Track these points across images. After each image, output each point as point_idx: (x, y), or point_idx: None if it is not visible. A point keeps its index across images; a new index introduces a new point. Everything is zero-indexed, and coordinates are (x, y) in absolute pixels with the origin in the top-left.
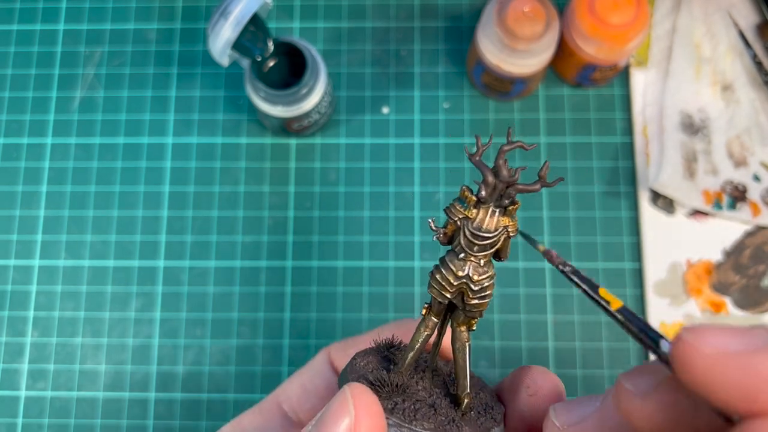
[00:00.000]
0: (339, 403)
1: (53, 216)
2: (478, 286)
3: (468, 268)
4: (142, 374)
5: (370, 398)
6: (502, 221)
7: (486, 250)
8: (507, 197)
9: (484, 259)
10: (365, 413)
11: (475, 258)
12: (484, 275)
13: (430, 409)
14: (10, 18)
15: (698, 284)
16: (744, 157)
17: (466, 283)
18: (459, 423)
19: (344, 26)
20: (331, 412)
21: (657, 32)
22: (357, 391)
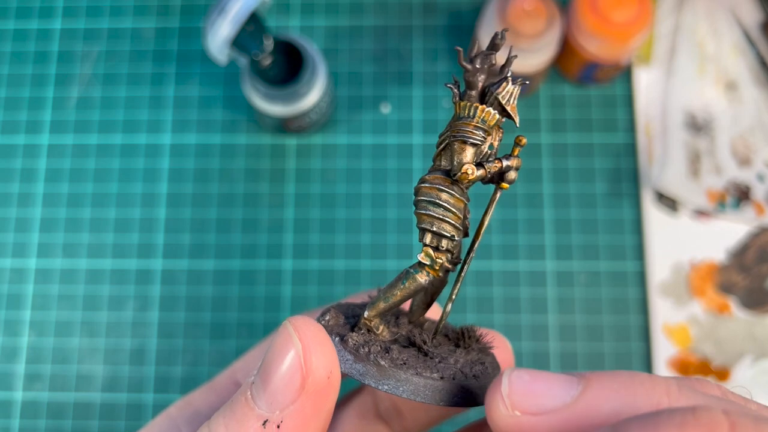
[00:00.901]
0: (281, 338)
1: (50, 216)
2: (416, 186)
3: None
4: (139, 376)
5: (314, 326)
6: (453, 123)
7: (437, 148)
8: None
9: (437, 159)
10: (312, 341)
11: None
12: (422, 178)
13: (389, 345)
14: (6, 16)
15: (702, 285)
16: (748, 156)
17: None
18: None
19: (344, 24)
20: (274, 348)
21: (660, 30)
22: (299, 322)
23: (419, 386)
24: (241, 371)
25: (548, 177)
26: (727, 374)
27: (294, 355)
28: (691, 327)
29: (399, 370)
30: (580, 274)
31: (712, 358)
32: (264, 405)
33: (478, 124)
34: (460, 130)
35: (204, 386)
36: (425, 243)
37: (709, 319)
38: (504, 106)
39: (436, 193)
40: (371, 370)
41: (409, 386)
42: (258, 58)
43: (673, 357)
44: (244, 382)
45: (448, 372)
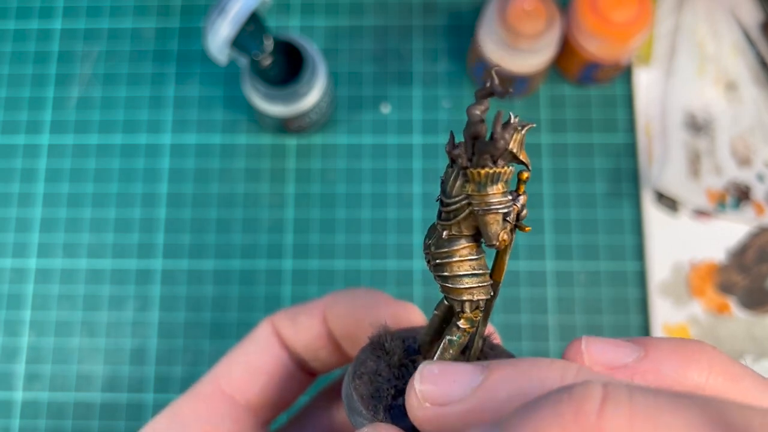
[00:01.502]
0: None
1: (50, 216)
2: (434, 260)
3: (434, 236)
4: (139, 376)
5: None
6: (466, 188)
7: (449, 219)
8: (468, 157)
9: (448, 231)
10: None
11: (440, 227)
12: (441, 249)
13: None
14: (6, 16)
15: (702, 285)
16: (748, 156)
17: (427, 253)
18: None
19: (344, 24)
20: None
21: (660, 30)
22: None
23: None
24: (224, 378)
25: (548, 177)
26: None
27: None
28: (691, 327)
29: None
30: (580, 274)
31: None
32: None
33: (503, 189)
34: (490, 203)
35: (187, 395)
36: (465, 311)
37: (709, 319)
38: (517, 156)
39: (469, 265)
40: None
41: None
42: (258, 58)
43: None
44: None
45: None
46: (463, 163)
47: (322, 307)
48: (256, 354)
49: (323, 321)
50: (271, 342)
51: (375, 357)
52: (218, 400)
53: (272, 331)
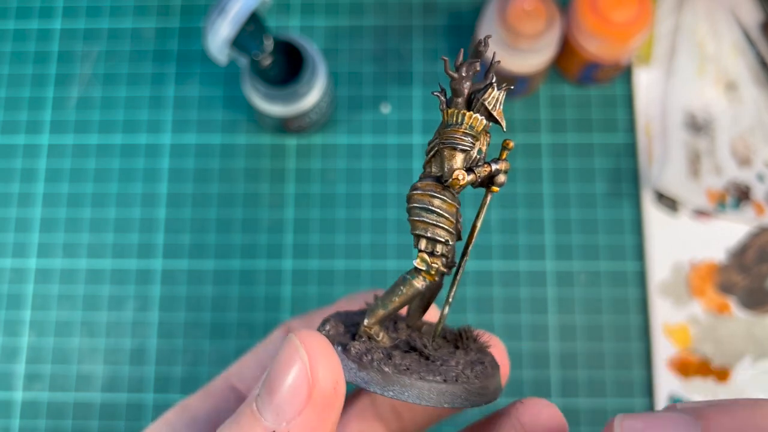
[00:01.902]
0: (287, 350)
1: (50, 216)
2: (407, 197)
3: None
4: (139, 376)
5: (320, 338)
6: (441, 129)
7: (425, 160)
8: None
9: (428, 166)
10: (318, 354)
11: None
12: (414, 185)
13: (391, 350)
14: (6, 16)
15: (702, 285)
16: (748, 156)
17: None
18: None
19: (344, 24)
20: (280, 360)
21: (660, 30)
22: (304, 334)
23: (423, 390)
24: (236, 376)
25: (548, 177)
26: (726, 374)
27: (300, 366)
28: (691, 327)
29: (403, 375)
30: (580, 274)
31: (712, 358)
32: (270, 417)
33: (467, 130)
34: (449, 137)
35: (200, 391)
36: (420, 249)
37: (709, 319)
38: (491, 112)
39: (428, 200)
40: (375, 377)
41: (414, 391)
42: (258, 58)
43: (673, 357)
44: (250, 394)
45: (450, 374)
46: (441, 107)
47: (336, 309)
48: (269, 354)
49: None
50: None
51: (358, 313)
52: (228, 396)
53: (286, 334)
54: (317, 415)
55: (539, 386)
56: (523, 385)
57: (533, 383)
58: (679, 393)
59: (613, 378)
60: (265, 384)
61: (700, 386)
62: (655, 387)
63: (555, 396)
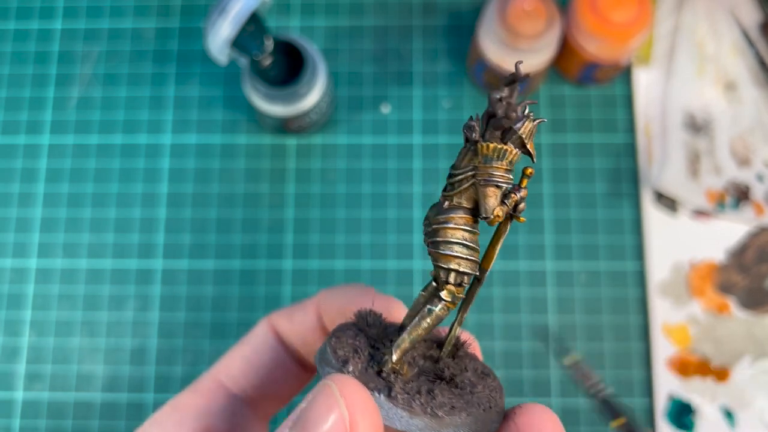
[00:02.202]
0: (325, 400)
1: (50, 216)
2: (430, 227)
3: (435, 207)
4: (140, 376)
5: (362, 391)
6: (474, 161)
7: (452, 190)
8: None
9: (449, 201)
10: (360, 411)
11: (442, 198)
12: (439, 216)
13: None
14: (7, 16)
15: (702, 285)
16: (747, 156)
17: (426, 224)
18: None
19: (344, 24)
20: (317, 407)
21: (660, 30)
22: (345, 386)
23: (472, 425)
24: (224, 372)
25: (548, 177)
26: (726, 374)
27: (338, 419)
28: (691, 327)
29: (454, 415)
30: (580, 274)
31: (712, 357)
32: None
33: (507, 166)
34: (492, 175)
35: (188, 389)
36: (449, 282)
37: (709, 319)
38: (525, 144)
39: (461, 234)
40: (430, 423)
41: (465, 429)
42: (258, 59)
43: (673, 357)
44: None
45: (484, 401)
46: (475, 137)
47: (316, 302)
48: (254, 349)
49: (317, 315)
50: (269, 337)
51: (355, 329)
52: (217, 394)
53: (269, 328)
54: None
55: (539, 386)
56: (523, 385)
57: (533, 383)
58: (678, 393)
59: (613, 378)
60: (299, 425)
61: (700, 386)
62: (655, 387)
63: (555, 396)
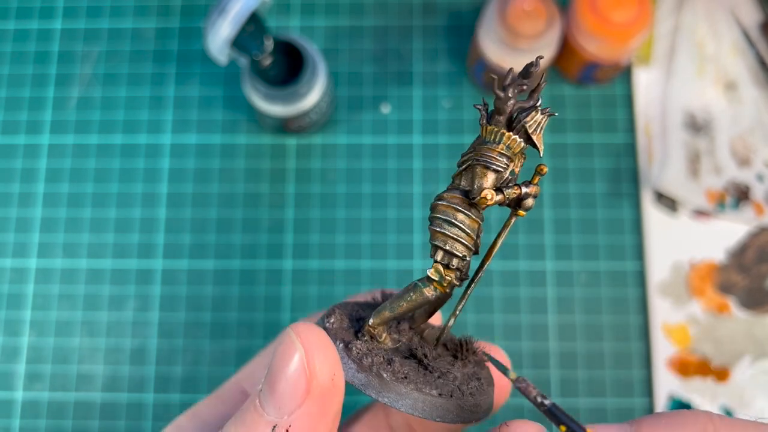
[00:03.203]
0: (285, 344)
1: (50, 216)
2: (431, 206)
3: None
4: (140, 376)
5: (317, 331)
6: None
7: (456, 172)
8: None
9: (452, 183)
10: (314, 346)
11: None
12: (440, 195)
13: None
14: (7, 16)
15: (701, 285)
16: (747, 156)
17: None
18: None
19: (344, 24)
20: (278, 355)
21: (660, 30)
22: (301, 327)
23: (418, 401)
24: (246, 380)
25: (548, 177)
26: (726, 374)
27: (298, 359)
28: (691, 327)
29: (399, 383)
30: (580, 274)
31: (712, 357)
32: (272, 411)
33: (503, 150)
34: (484, 155)
35: (211, 396)
36: (436, 259)
37: (709, 319)
38: (530, 135)
39: (452, 213)
40: (373, 381)
41: (408, 401)
42: (258, 59)
43: (673, 356)
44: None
45: (446, 389)
46: (482, 121)
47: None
48: None
49: None
50: None
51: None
52: (239, 401)
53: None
54: (317, 408)
55: (539, 386)
56: None
57: (533, 383)
58: (678, 393)
59: (613, 378)
60: (266, 379)
61: (700, 386)
62: (655, 387)
63: (555, 396)
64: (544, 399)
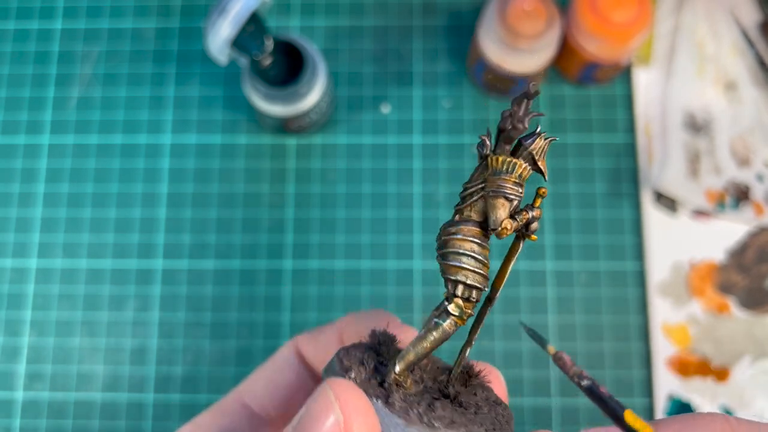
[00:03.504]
0: (321, 402)
1: (50, 216)
2: (440, 240)
3: (448, 222)
4: (140, 376)
5: (356, 393)
6: (484, 175)
7: (463, 203)
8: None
9: (459, 215)
10: (354, 411)
11: (454, 212)
12: (449, 228)
13: (425, 398)
14: (7, 16)
15: (701, 285)
16: (747, 156)
17: (437, 239)
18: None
19: (344, 24)
20: (312, 412)
21: (660, 30)
22: (341, 388)
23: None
24: (247, 393)
25: (548, 177)
26: (726, 374)
27: (333, 423)
28: (691, 327)
29: (450, 429)
30: (580, 274)
31: (712, 357)
32: None
33: (517, 179)
34: (501, 186)
35: (212, 408)
36: (457, 294)
37: (709, 319)
38: (536, 161)
39: (470, 246)
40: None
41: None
42: (258, 59)
43: (673, 357)
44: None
45: (487, 422)
46: (486, 152)
47: (339, 326)
48: (278, 371)
49: (339, 339)
50: (293, 360)
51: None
52: (239, 414)
53: (294, 350)
54: None
55: (539, 386)
56: (523, 385)
57: (533, 383)
58: (678, 393)
59: (613, 378)
60: (297, 430)
61: (700, 386)
62: (655, 387)
63: (554, 395)
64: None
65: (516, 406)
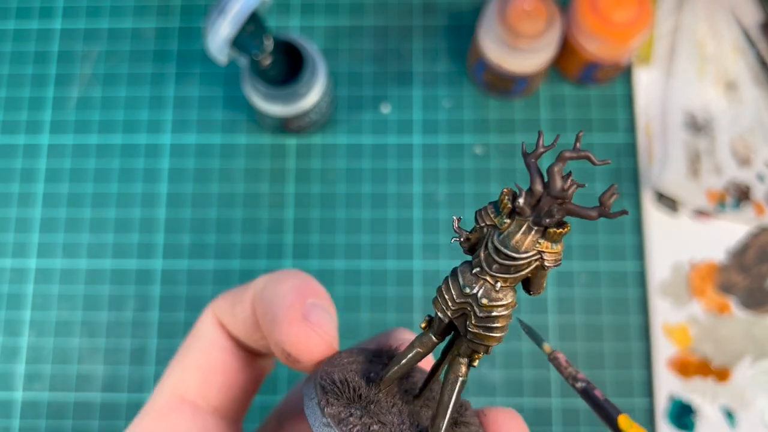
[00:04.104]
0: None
1: (50, 216)
2: (484, 312)
3: (479, 287)
4: (139, 376)
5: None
6: (540, 244)
7: (507, 272)
8: (550, 215)
9: (502, 282)
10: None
11: (491, 278)
12: (495, 302)
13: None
14: (7, 16)
15: (702, 285)
16: (748, 156)
17: (471, 304)
18: None
19: (344, 24)
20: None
21: (660, 30)
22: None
23: None
24: (181, 385)
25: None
26: (726, 374)
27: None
28: (691, 327)
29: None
30: (580, 274)
31: (712, 358)
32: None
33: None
34: (559, 261)
35: (146, 412)
36: (490, 352)
37: (709, 319)
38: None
39: (510, 314)
40: None
41: None
42: (258, 58)
43: (673, 357)
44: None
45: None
46: (526, 214)
47: (252, 294)
48: (205, 353)
49: (253, 310)
50: (217, 336)
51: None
52: (180, 412)
53: (215, 323)
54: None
55: (539, 386)
56: (523, 386)
57: (533, 383)
58: (678, 393)
59: (613, 378)
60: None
61: (700, 386)
62: (655, 387)
63: (555, 396)
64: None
65: (516, 407)
